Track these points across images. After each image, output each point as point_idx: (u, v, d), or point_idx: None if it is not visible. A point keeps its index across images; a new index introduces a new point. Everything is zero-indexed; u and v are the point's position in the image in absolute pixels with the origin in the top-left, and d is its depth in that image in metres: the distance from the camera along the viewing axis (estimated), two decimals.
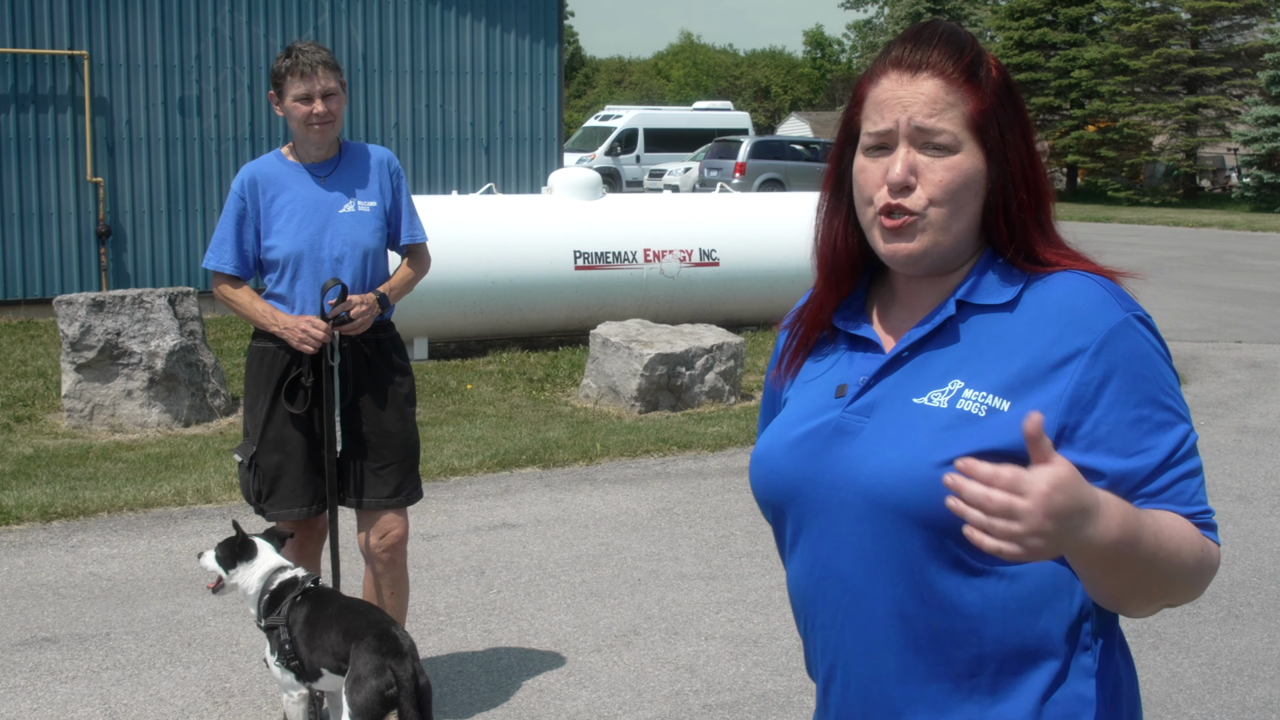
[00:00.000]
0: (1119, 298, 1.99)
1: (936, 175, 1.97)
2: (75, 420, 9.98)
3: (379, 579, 5.13)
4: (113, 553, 7.10)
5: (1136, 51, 46.74)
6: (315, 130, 4.89)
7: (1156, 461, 1.92)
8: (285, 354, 4.92)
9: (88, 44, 15.61)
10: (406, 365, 5.18)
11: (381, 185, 5.07)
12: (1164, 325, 16.20)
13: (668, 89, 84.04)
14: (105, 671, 5.57)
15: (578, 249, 13.59)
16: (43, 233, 15.57)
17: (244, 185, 4.96)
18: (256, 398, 4.99)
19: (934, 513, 1.90)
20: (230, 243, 4.95)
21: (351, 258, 4.96)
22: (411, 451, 5.13)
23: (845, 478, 2.00)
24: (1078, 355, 1.94)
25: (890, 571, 1.98)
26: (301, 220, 4.92)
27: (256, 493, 4.99)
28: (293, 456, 4.94)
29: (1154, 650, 5.89)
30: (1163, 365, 1.97)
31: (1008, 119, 2.02)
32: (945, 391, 1.98)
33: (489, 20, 17.82)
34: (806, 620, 2.13)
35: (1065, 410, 1.93)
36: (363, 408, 5.00)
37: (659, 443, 9.54)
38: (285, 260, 4.92)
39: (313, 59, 4.86)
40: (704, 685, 5.48)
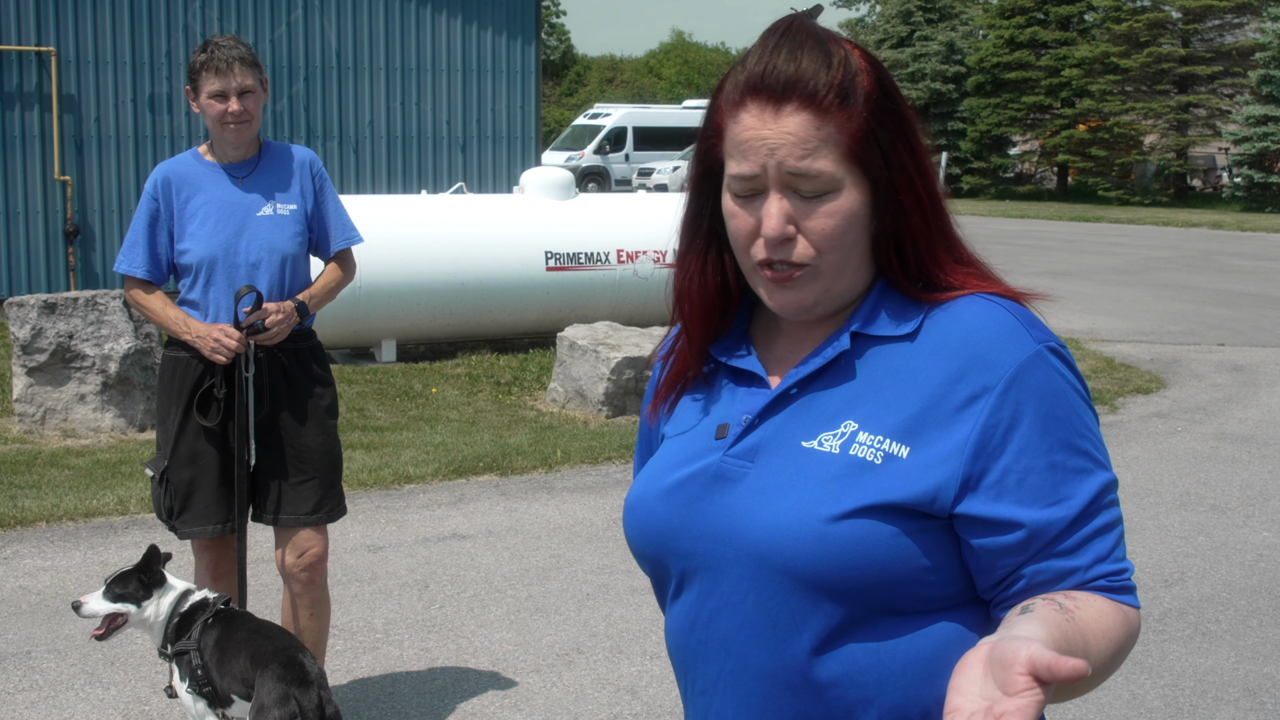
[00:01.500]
0: (1030, 326, 1.76)
1: (818, 224, 1.73)
2: (26, 425, 9.75)
3: (297, 599, 4.90)
4: (46, 565, 6.87)
5: (1127, 50, 46.58)
6: (230, 130, 4.66)
7: (1073, 514, 1.70)
8: (198, 364, 4.69)
9: (55, 40, 15.37)
10: (328, 376, 4.95)
11: (303, 188, 4.84)
12: (1147, 327, 16.03)
13: (659, 87, 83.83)
14: (20, 693, 5.34)
15: (549, 249, 13.37)
16: (9, 232, 15.34)
17: (156, 185, 4.72)
18: (169, 409, 4.76)
19: (824, 574, 1.70)
20: (142, 245, 4.72)
21: (269, 263, 4.73)
22: (332, 466, 4.90)
23: (726, 532, 1.78)
24: (984, 394, 1.71)
25: (776, 636, 1.75)
26: (216, 223, 4.69)
27: (168, 509, 4.76)
28: (206, 471, 4.71)
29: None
30: (1079, 403, 1.74)
31: (889, 137, 1.75)
32: (837, 434, 1.75)
33: (465, 17, 17.59)
34: (685, 683, 1.91)
35: (971, 458, 1.70)
36: (281, 421, 4.77)
37: (622, 449, 9.31)
38: (199, 265, 4.69)
39: (229, 55, 4.62)
40: (644, 708, 5.26)
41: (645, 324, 12.39)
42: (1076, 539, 1.70)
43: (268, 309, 4.64)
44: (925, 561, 1.71)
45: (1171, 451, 9.72)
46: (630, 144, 43.92)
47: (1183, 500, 8.38)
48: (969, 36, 56.59)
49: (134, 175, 15.85)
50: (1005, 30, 51.05)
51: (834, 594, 1.71)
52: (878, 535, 1.69)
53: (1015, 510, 1.69)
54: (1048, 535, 1.70)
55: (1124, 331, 15.71)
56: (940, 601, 1.75)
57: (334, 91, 16.90)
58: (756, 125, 1.72)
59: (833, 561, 1.68)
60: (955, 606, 1.76)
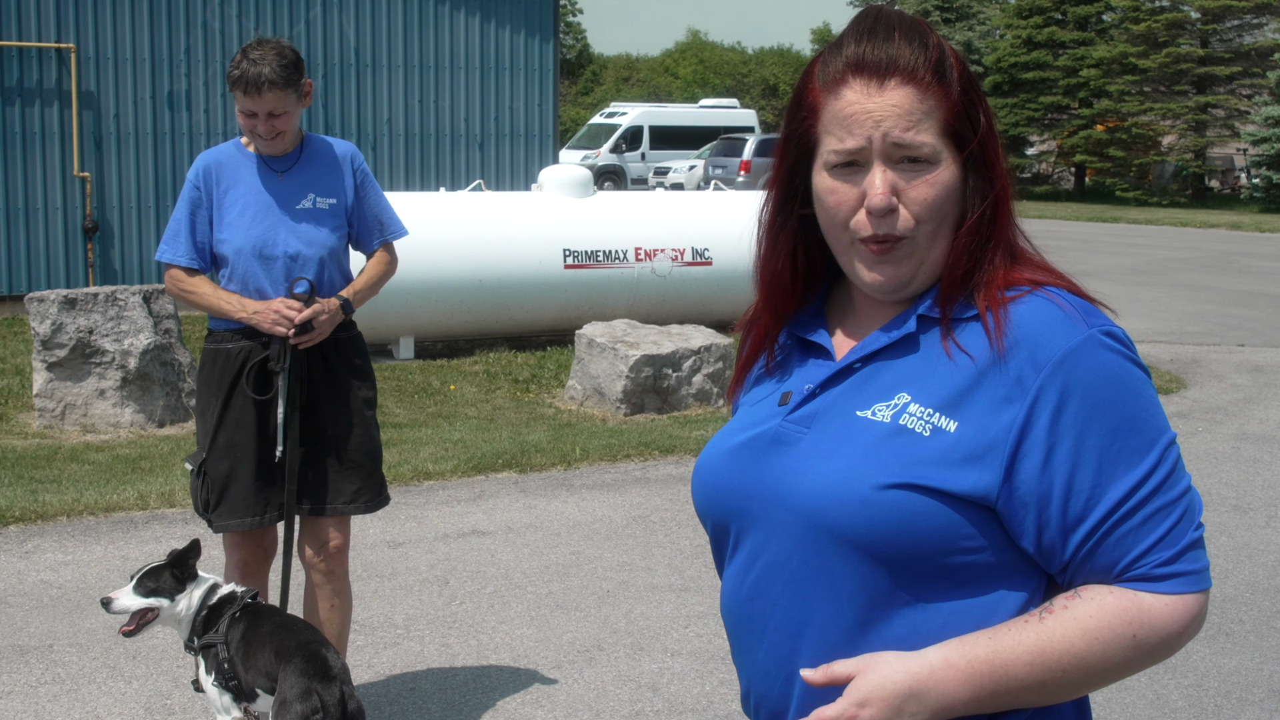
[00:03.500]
0: (1085, 314, 1.79)
1: (920, 193, 1.80)
2: (47, 420, 9.77)
3: (318, 590, 4.90)
4: (67, 559, 6.88)
5: (1145, 51, 46.40)
6: (262, 142, 4.67)
7: (1110, 506, 1.72)
8: (238, 350, 4.68)
9: (75, 37, 15.40)
10: (368, 367, 4.95)
11: (344, 182, 4.82)
12: (1166, 328, 15.97)
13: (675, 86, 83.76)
14: (43, 686, 5.35)
15: (567, 247, 13.37)
16: (29, 228, 15.37)
17: (199, 174, 4.71)
18: (208, 402, 4.75)
19: (866, 538, 1.76)
20: (185, 234, 4.71)
21: (306, 256, 4.72)
22: (371, 456, 4.90)
23: (777, 492, 1.86)
24: (1032, 378, 1.74)
25: (821, 597, 1.82)
26: (255, 214, 4.68)
27: (205, 502, 4.75)
28: (243, 463, 4.69)
29: None
30: (1133, 389, 1.76)
31: (977, 116, 1.83)
32: (890, 405, 1.82)
33: (483, 15, 17.59)
34: (734, 644, 1.97)
35: (1015, 443, 1.74)
36: (320, 411, 4.76)
37: (641, 447, 9.30)
38: (235, 255, 4.68)
39: (259, 76, 4.50)
40: (665, 705, 5.25)
41: (663, 322, 12.37)
42: (1115, 535, 1.73)
43: (320, 307, 4.63)
44: (969, 533, 1.76)
45: (1193, 452, 9.68)
46: (646, 143, 43.89)
47: (1205, 500, 8.31)
48: (986, 36, 56.51)
49: (153, 172, 15.88)
50: (1023, 30, 50.91)
51: (877, 557, 1.77)
52: (920, 505, 1.75)
53: (1057, 500, 1.73)
54: (1091, 528, 1.73)
55: (1143, 332, 15.66)
56: (990, 570, 1.78)
57: (352, 89, 16.91)
58: (861, 99, 1.80)
59: (876, 527, 1.75)
60: (1010, 574, 1.79)
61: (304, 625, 4.41)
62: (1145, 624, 1.72)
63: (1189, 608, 1.73)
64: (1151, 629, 1.72)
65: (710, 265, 14.03)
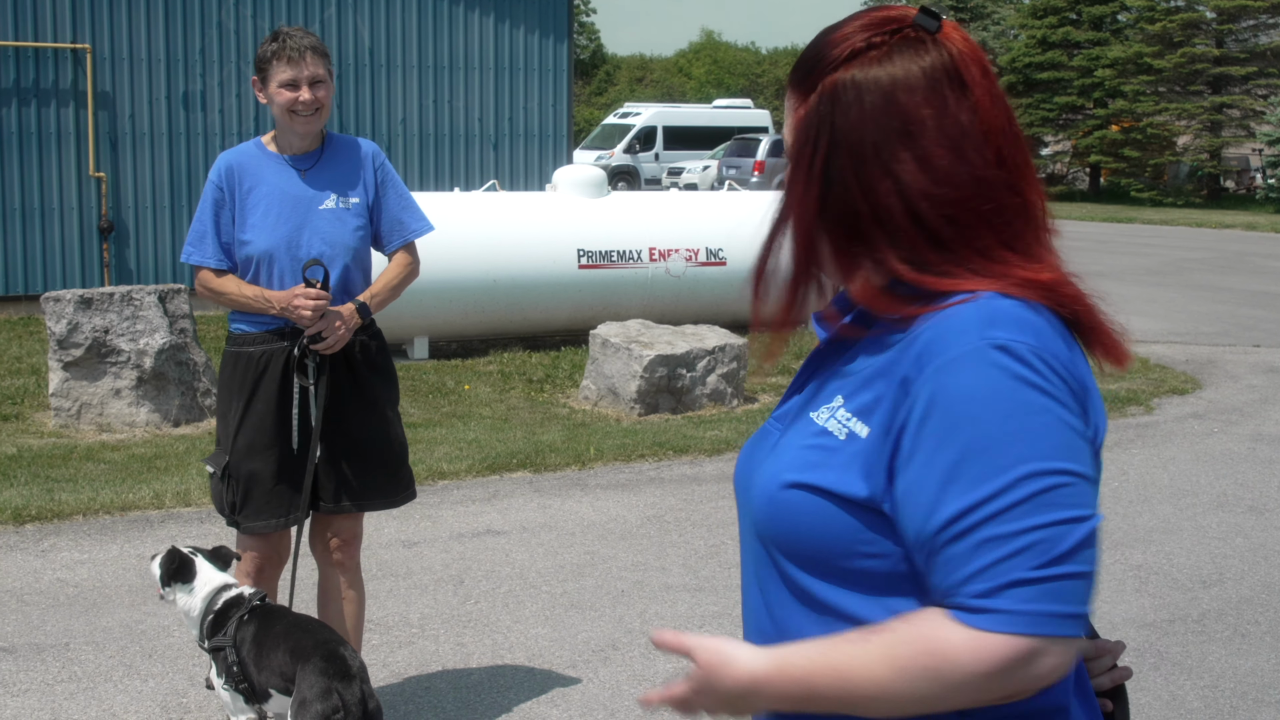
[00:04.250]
0: (988, 325, 1.67)
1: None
2: (62, 419, 9.80)
3: (332, 584, 4.91)
4: (83, 558, 6.90)
5: (1161, 51, 46.26)
6: (300, 120, 4.64)
7: (946, 518, 1.62)
8: (262, 351, 4.68)
9: (90, 37, 15.44)
10: (391, 367, 4.96)
11: (366, 181, 4.82)
12: (1181, 328, 15.93)
13: (689, 86, 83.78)
14: (59, 684, 5.36)
15: (581, 247, 13.37)
16: (44, 228, 15.42)
17: (221, 174, 4.70)
18: (230, 404, 4.75)
19: (770, 532, 1.83)
20: (211, 235, 4.70)
21: (330, 257, 4.71)
22: (398, 452, 4.92)
23: (744, 485, 1.94)
24: (910, 385, 1.70)
25: (754, 586, 1.91)
26: (279, 215, 4.67)
27: (230, 504, 4.74)
28: (267, 464, 4.69)
29: (1154, 671, 5.63)
30: (1006, 408, 1.63)
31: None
32: (830, 407, 1.83)
33: (498, 15, 17.60)
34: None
35: (893, 448, 1.71)
36: (344, 410, 4.77)
37: (655, 447, 9.30)
38: (260, 257, 4.67)
39: (301, 44, 4.61)
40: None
41: (678, 322, 12.36)
42: (946, 554, 1.63)
43: (340, 311, 4.62)
44: (869, 539, 1.74)
45: (1208, 452, 9.66)
46: (660, 143, 43.89)
47: (1220, 501, 8.32)
48: (1001, 36, 56.39)
49: (168, 172, 15.92)
50: (1037, 30, 50.80)
51: (787, 554, 1.81)
52: (812, 506, 1.76)
53: (907, 513, 1.68)
54: (927, 545, 1.66)
55: (1158, 332, 15.62)
56: (896, 577, 1.74)
57: (367, 89, 16.93)
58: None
59: (775, 524, 1.80)
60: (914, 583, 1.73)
61: (319, 624, 4.41)
62: (945, 657, 1.61)
63: (996, 649, 1.58)
64: (952, 665, 1.60)
65: (724, 265, 14.03)
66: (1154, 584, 6.77)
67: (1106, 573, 6.82)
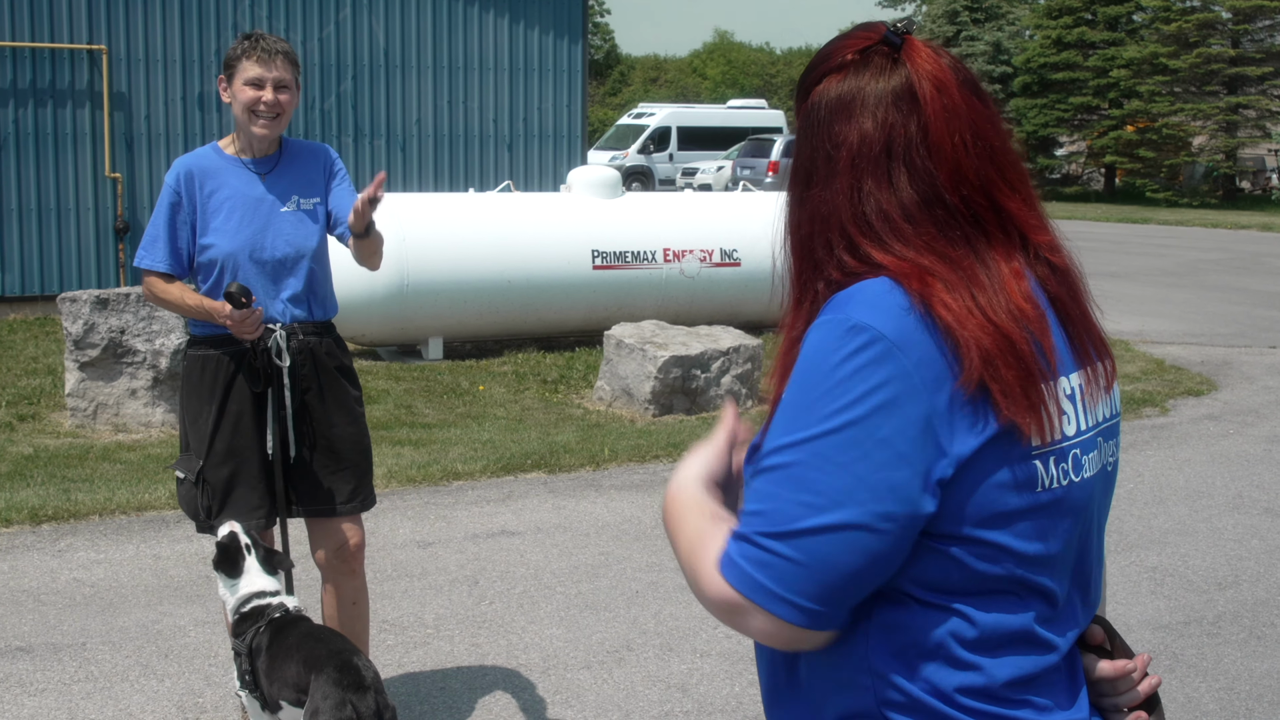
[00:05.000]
0: (844, 302, 1.76)
1: None
2: (79, 419, 9.83)
3: (338, 591, 4.91)
4: (100, 558, 6.92)
5: (1176, 51, 46.17)
6: (260, 122, 4.62)
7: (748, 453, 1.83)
8: (227, 357, 4.67)
9: (106, 39, 15.48)
10: (353, 367, 4.96)
11: (322, 181, 4.83)
12: (1197, 329, 15.89)
13: (703, 87, 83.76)
14: (76, 684, 5.38)
15: (596, 248, 13.37)
16: (61, 228, 15.46)
17: (179, 179, 4.65)
18: (200, 409, 4.71)
19: None
20: (164, 240, 4.65)
21: (295, 259, 4.71)
22: (365, 455, 4.90)
23: None
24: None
25: None
26: (241, 218, 4.65)
27: (206, 508, 4.71)
28: (245, 466, 4.68)
29: (1169, 673, 5.62)
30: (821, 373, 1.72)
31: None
32: None
33: (512, 16, 17.62)
34: None
35: None
36: (313, 411, 4.76)
37: (669, 447, 9.31)
38: (224, 260, 4.64)
39: (273, 46, 4.60)
40: (695, 706, 5.26)
41: (692, 323, 12.37)
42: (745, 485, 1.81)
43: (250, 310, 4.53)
44: None
45: (1224, 454, 9.64)
46: (674, 143, 43.88)
47: (1236, 503, 8.30)
48: (1016, 37, 56.27)
49: None
50: (1052, 30, 50.71)
51: None
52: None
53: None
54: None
55: (1174, 333, 15.59)
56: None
57: (381, 90, 16.95)
58: None
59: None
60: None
61: (333, 634, 4.38)
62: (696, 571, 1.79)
63: (718, 588, 1.74)
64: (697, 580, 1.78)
65: (739, 266, 14.03)
66: (1169, 586, 6.75)
67: (1122, 574, 6.82)
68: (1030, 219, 1.86)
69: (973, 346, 1.71)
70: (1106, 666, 1.94)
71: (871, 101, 1.82)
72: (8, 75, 15.05)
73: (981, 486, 1.72)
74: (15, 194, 15.17)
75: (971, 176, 1.81)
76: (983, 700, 1.77)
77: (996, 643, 1.77)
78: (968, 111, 1.83)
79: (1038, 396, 1.75)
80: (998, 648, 1.77)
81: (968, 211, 1.81)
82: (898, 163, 1.80)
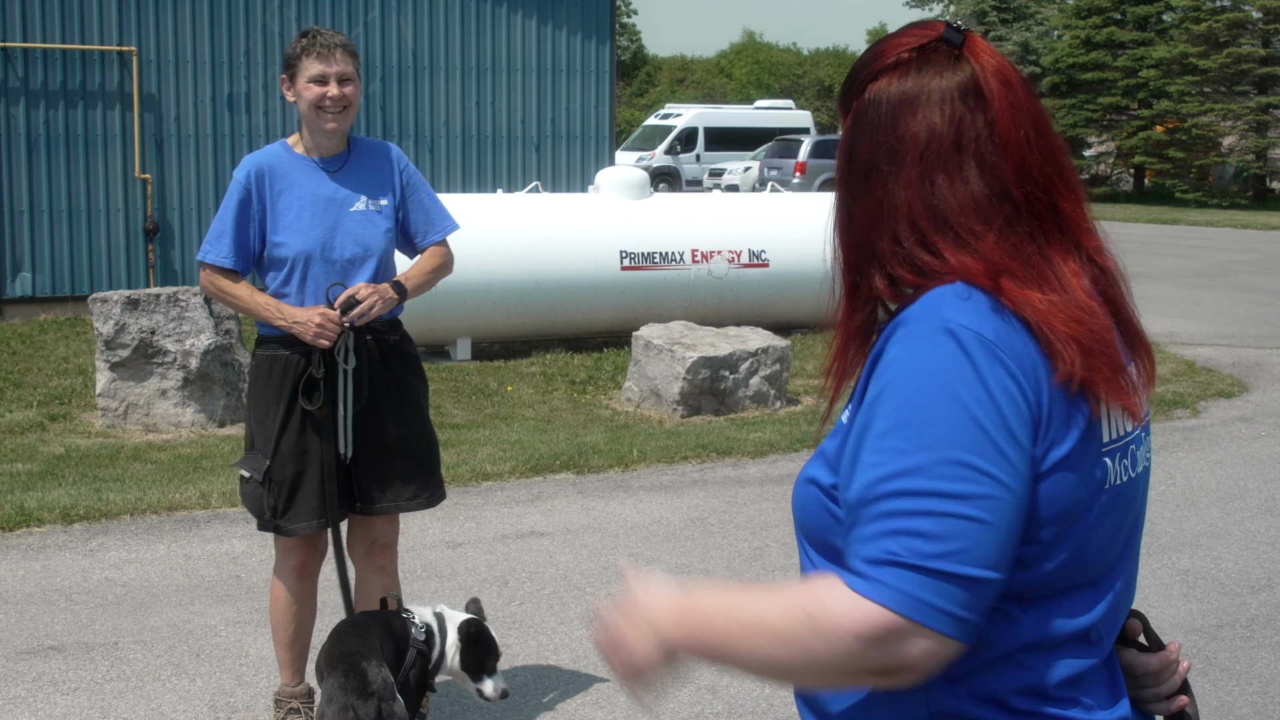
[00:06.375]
0: (943, 307, 1.73)
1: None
2: (109, 419, 9.88)
3: (370, 586, 4.95)
4: (131, 557, 6.95)
5: (1206, 51, 45.93)
6: (328, 118, 4.66)
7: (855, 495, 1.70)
8: (297, 357, 4.70)
9: (137, 40, 15.56)
10: (420, 366, 4.98)
11: (393, 184, 4.84)
12: (1227, 331, 15.81)
13: (730, 87, 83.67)
14: (109, 683, 5.40)
15: (624, 249, 13.38)
16: (91, 229, 15.55)
17: (250, 176, 4.70)
18: (267, 408, 4.75)
19: (798, 525, 1.92)
20: (230, 235, 4.70)
21: (364, 259, 4.74)
22: (431, 453, 4.94)
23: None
24: (877, 359, 1.78)
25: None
26: (312, 217, 4.69)
27: (271, 508, 4.75)
28: (311, 466, 4.71)
29: (1202, 676, 5.59)
30: (939, 386, 1.67)
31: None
32: (847, 406, 1.91)
33: (540, 17, 17.64)
34: None
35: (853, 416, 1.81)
36: (380, 410, 4.79)
37: (698, 449, 9.30)
38: (295, 259, 4.68)
39: (331, 41, 4.65)
40: (725, 707, 5.25)
41: (720, 324, 12.35)
42: (855, 521, 1.70)
43: (359, 287, 4.64)
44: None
45: (1256, 456, 9.58)
46: (701, 144, 43.87)
47: (1268, 505, 8.25)
48: (1044, 37, 56.09)
49: (212, 173, 16.02)
50: (1081, 30, 50.50)
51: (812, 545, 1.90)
52: (810, 497, 1.87)
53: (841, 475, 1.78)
54: (847, 505, 1.73)
55: (1204, 335, 15.51)
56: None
57: (410, 91, 16.99)
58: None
59: (796, 516, 1.91)
60: None
61: (352, 633, 4.40)
62: (825, 611, 1.65)
63: (871, 616, 1.62)
64: (829, 619, 1.64)
65: (767, 267, 14.01)
66: (1201, 589, 6.72)
67: (1154, 577, 6.78)
68: (1082, 221, 1.87)
69: (1070, 343, 1.72)
70: (1153, 660, 1.95)
71: (937, 96, 1.82)
72: (39, 77, 15.14)
73: (1065, 484, 1.73)
74: (46, 195, 15.26)
75: (1035, 173, 1.82)
76: (1037, 701, 1.76)
77: (1055, 643, 1.77)
78: (1030, 108, 1.84)
79: (1129, 384, 1.79)
80: (1055, 648, 1.77)
81: (1030, 209, 1.81)
82: (968, 157, 1.81)
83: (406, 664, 4.39)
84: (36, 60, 15.14)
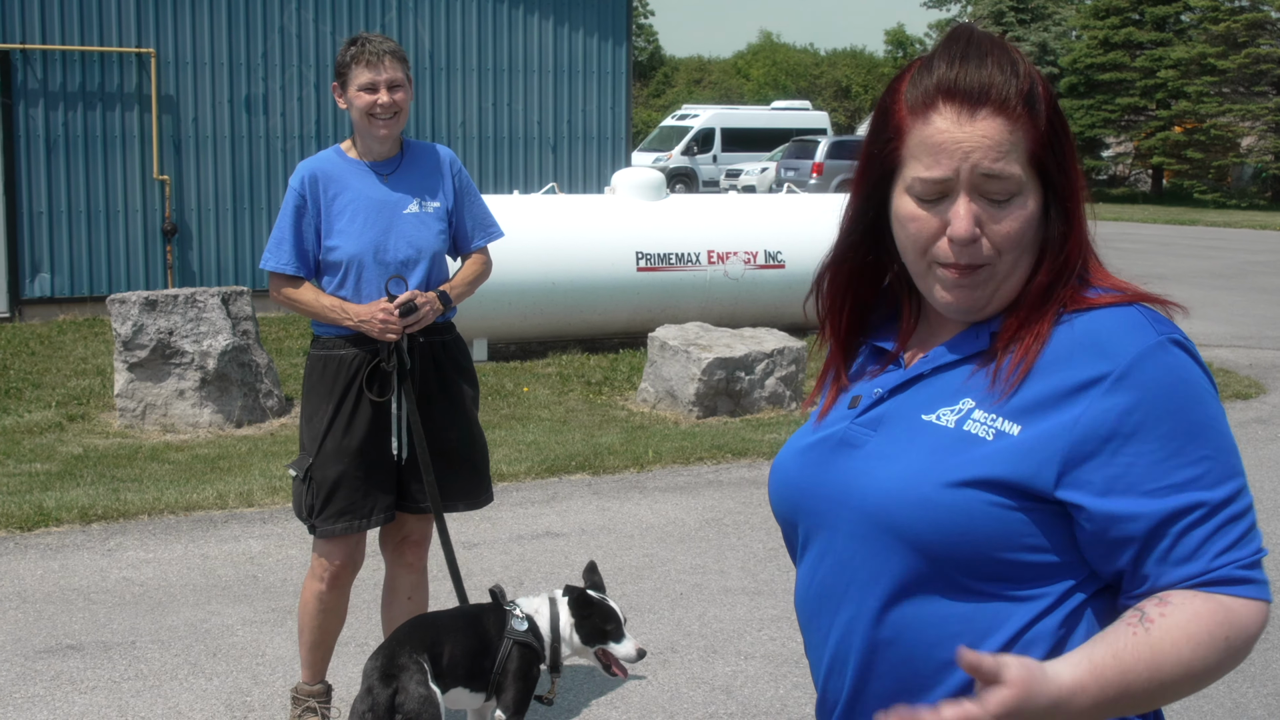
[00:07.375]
0: (1154, 322, 1.80)
1: (1005, 227, 1.82)
2: (127, 420, 9.92)
3: (398, 583, 5.01)
4: (149, 557, 6.98)
5: (1225, 51, 45.80)
6: (379, 123, 4.70)
7: (1179, 508, 1.73)
8: (352, 355, 4.72)
9: (155, 42, 15.62)
10: (472, 367, 5.02)
11: (445, 187, 4.88)
12: (1245, 332, 15.77)
13: (747, 88, 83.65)
14: (126, 682, 5.44)
15: (640, 250, 13.39)
16: (109, 230, 15.61)
17: (304, 182, 4.74)
18: (317, 407, 4.79)
19: (928, 535, 1.79)
20: (290, 242, 4.75)
21: (417, 261, 4.77)
22: (481, 454, 4.98)
23: (843, 492, 1.91)
24: (1100, 380, 1.75)
25: (878, 595, 1.86)
26: (365, 221, 4.73)
27: (309, 507, 4.78)
28: (354, 466, 4.73)
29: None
30: (1200, 395, 1.77)
31: (1061, 146, 1.84)
32: (955, 410, 1.85)
33: (557, 19, 17.67)
34: (805, 639, 2.03)
35: (1077, 441, 1.75)
36: (432, 411, 4.82)
37: (714, 449, 9.31)
38: (349, 262, 4.73)
39: (380, 48, 4.68)
40: (739, 708, 5.26)
41: (736, 325, 12.36)
42: (1191, 538, 1.73)
43: (416, 292, 4.68)
44: (1029, 531, 1.77)
45: (1273, 458, 9.56)
46: (718, 145, 43.87)
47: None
48: (1062, 37, 55.97)
49: (230, 175, 16.08)
50: (1099, 31, 50.39)
51: (930, 555, 1.80)
52: (979, 505, 1.77)
53: (1122, 502, 1.73)
54: (1155, 529, 1.73)
55: (1222, 336, 15.47)
56: (1038, 569, 1.79)
57: (426, 92, 17.03)
58: (952, 128, 1.81)
59: (936, 525, 1.78)
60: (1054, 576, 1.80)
61: (415, 623, 4.50)
62: (1234, 626, 1.72)
63: (1263, 613, 1.75)
64: (1239, 631, 1.72)
65: (783, 268, 14.01)
66: None
67: None
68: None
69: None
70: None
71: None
72: (57, 78, 15.21)
73: None
74: (65, 196, 15.33)
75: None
76: None
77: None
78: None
79: None
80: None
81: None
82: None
83: (501, 656, 4.40)
84: (55, 62, 15.21)
